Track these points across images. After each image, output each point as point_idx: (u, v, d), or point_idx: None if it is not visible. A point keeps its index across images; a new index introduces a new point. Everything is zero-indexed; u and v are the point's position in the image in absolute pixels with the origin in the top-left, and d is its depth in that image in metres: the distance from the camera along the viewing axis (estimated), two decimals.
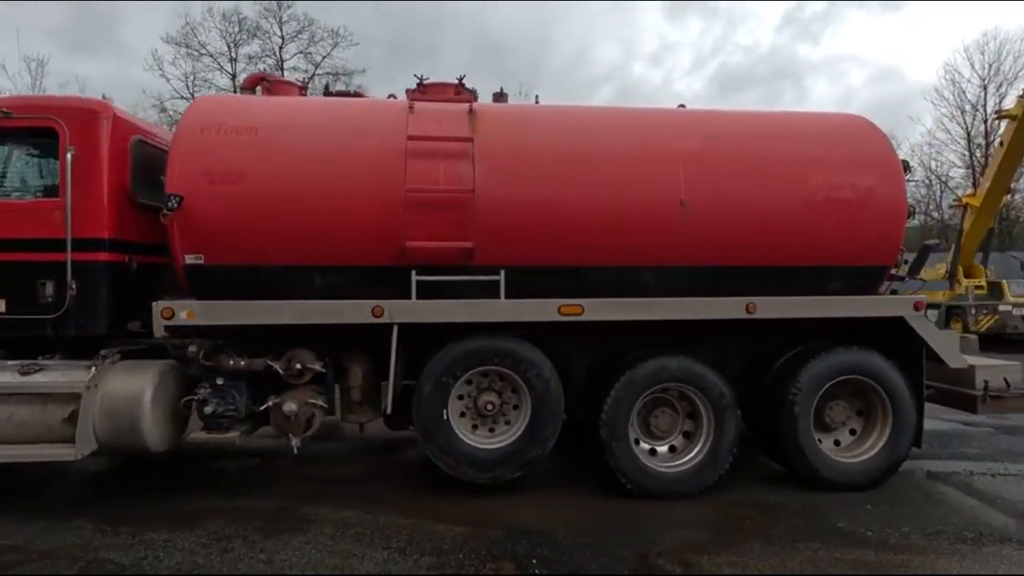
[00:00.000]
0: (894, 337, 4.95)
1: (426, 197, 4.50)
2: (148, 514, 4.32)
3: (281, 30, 34.56)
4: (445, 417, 4.56)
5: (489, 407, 4.64)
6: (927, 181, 35.41)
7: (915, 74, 58.67)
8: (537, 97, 5.75)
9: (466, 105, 4.84)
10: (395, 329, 4.43)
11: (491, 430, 4.77)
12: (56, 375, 4.34)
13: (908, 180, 5.27)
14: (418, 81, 5.38)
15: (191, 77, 33.62)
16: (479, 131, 4.74)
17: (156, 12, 50.50)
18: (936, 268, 16.99)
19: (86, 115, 4.49)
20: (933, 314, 15.99)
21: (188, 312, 4.30)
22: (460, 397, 4.74)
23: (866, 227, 5.01)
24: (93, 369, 4.34)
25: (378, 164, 4.53)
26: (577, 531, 4.10)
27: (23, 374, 4.29)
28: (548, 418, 4.63)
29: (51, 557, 3.72)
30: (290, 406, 4.39)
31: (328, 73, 34.89)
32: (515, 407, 4.76)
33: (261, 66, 34.10)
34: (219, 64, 34.22)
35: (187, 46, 33.38)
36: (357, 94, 5.95)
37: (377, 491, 4.69)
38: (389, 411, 4.49)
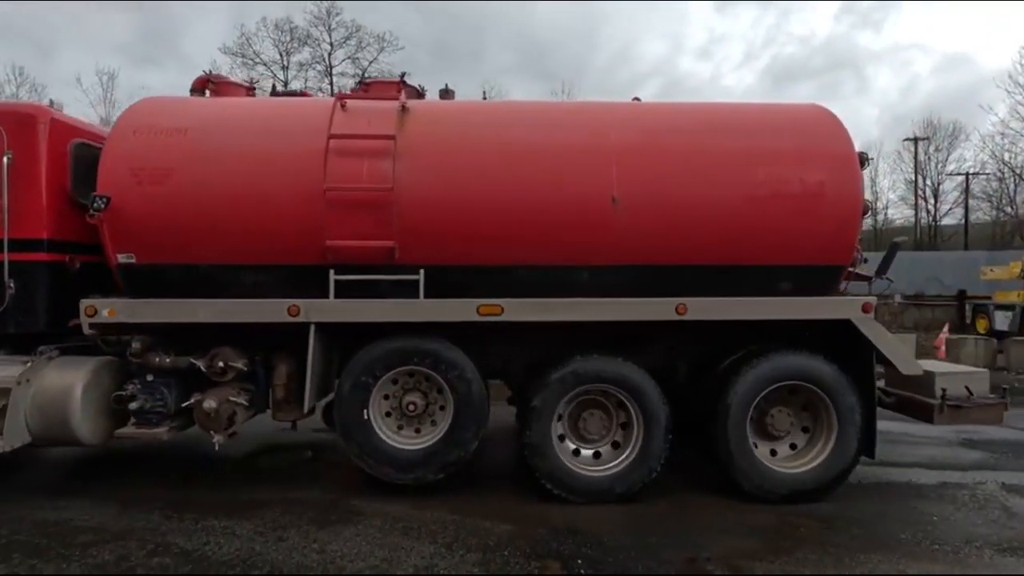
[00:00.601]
0: (849, 341, 4.68)
1: (346, 196, 4.48)
2: (209, 503, 4.52)
3: (330, 37, 35.89)
4: (366, 417, 4.54)
5: (411, 407, 4.60)
6: (999, 174, 33.47)
7: (987, 60, 55.59)
8: (484, 93, 5.66)
9: (396, 103, 4.79)
10: (312, 328, 4.44)
11: (417, 430, 4.73)
12: None
13: (977, 173, 4.94)
14: (361, 80, 5.39)
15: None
16: (406, 129, 4.69)
17: (215, 24, 52.60)
18: (1010, 266, 16.00)
19: (23, 120, 4.64)
20: (1006, 315, 15.09)
21: (109, 310, 4.40)
22: (386, 397, 4.72)
23: (817, 224, 4.74)
24: (28, 364, 4.51)
25: (300, 164, 4.53)
26: (623, 533, 4.07)
27: None
28: (470, 420, 4.56)
29: (123, 539, 3.96)
30: (210, 403, 4.45)
31: (375, 77, 35.65)
32: (442, 408, 4.71)
33: (311, 72, 35.78)
34: (272, 72, 35.65)
35: (243, 55, 35.10)
36: (304, 94, 5.97)
37: (424, 486, 4.70)
38: (306, 410, 4.50)
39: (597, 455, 4.68)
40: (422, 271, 4.50)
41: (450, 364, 4.55)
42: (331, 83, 35.97)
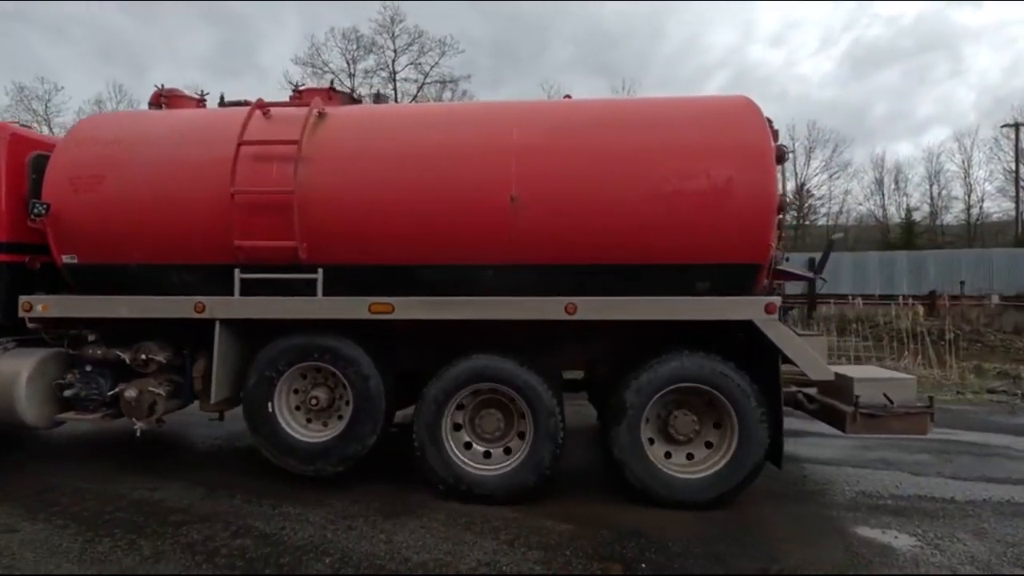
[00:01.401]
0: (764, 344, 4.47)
1: (252, 198, 4.72)
2: (285, 491, 4.74)
3: (394, 44, 37.15)
4: (270, 409, 4.76)
5: (314, 402, 4.79)
6: None
7: None
8: (415, 97, 5.78)
9: (306, 109, 4.99)
10: (217, 324, 4.71)
11: (324, 424, 4.91)
12: None
13: None
14: (294, 87, 5.66)
15: None
16: (316, 134, 4.88)
17: (288, 36, 55.73)
18: None
19: None
20: None
21: (43, 305, 4.86)
22: (296, 391, 4.93)
23: (727, 221, 4.54)
24: None
25: (215, 169, 4.78)
26: (690, 538, 3.99)
27: None
28: (367, 415, 4.69)
29: (209, 520, 4.26)
30: (131, 392, 4.81)
31: (436, 81, 36.83)
32: (348, 403, 4.87)
33: (376, 79, 37.04)
34: (340, 80, 37.28)
35: (313, 65, 37.12)
36: (246, 103, 6.26)
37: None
38: (212, 401, 4.77)
39: (487, 455, 4.69)
40: (320, 270, 4.67)
41: (348, 360, 4.70)
42: (395, 88, 37.35)
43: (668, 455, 4.56)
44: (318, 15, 52.96)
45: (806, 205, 44.08)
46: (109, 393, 4.93)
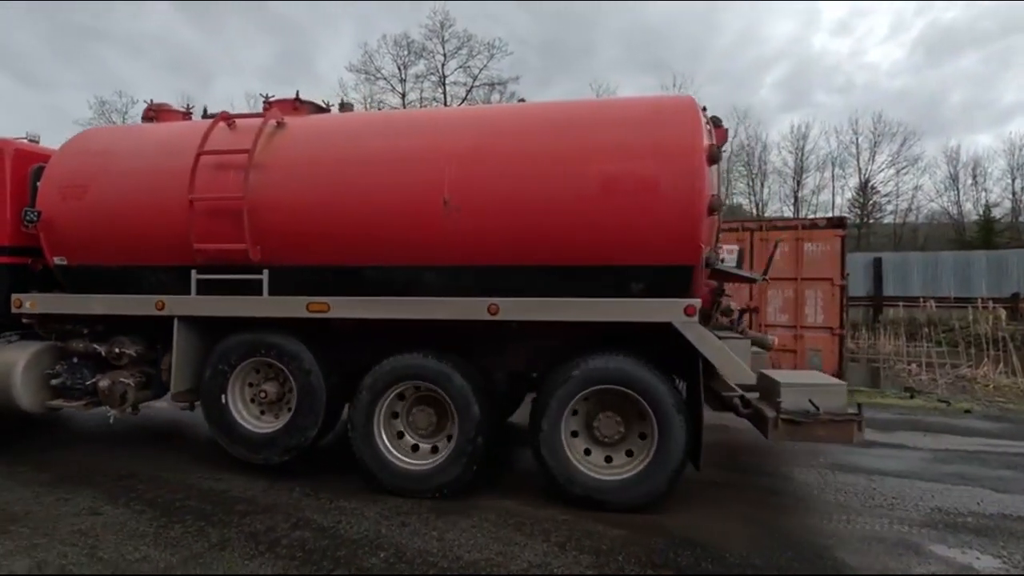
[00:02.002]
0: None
1: (208, 205, 5.09)
2: (341, 486, 4.93)
3: (443, 48, 38.07)
4: (223, 401, 5.12)
5: (263, 395, 5.11)
6: None
7: None
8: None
9: (260, 121, 5.32)
10: (176, 321, 5.12)
11: (276, 416, 5.23)
12: None
13: None
14: (264, 99, 6.02)
15: (368, 99, 38.54)
16: (270, 143, 5.20)
17: (342, 44, 58.02)
18: None
19: None
20: None
21: (31, 303, 5.41)
22: (250, 384, 5.28)
23: (656, 222, 4.53)
24: None
25: (179, 178, 5.19)
26: (747, 548, 3.89)
27: None
28: (309, 409, 4.96)
29: (271, 511, 4.48)
30: (104, 383, 5.29)
31: (485, 84, 37.77)
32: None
33: (426, 84, 38.33)
34: (391, 85, 38.84)
35: (366, 72, 38.43)
36: (224, 115, 6.61)
37: (538, 483, 4.81)
38: (171, 392, 5.19)
39: (415, 448, 4.86)
40: (266, 271, 5.00)
41: (291, 356, 4.99)
42: (444, 92, 38.33)
43: (588, 452, 4.59)
44: (372, 23, 54.70)
45: (871, 203, 41.79)
46: (89, 383, 5.44)
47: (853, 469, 5.35)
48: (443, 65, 38.00)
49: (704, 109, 5.02)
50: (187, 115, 6.51)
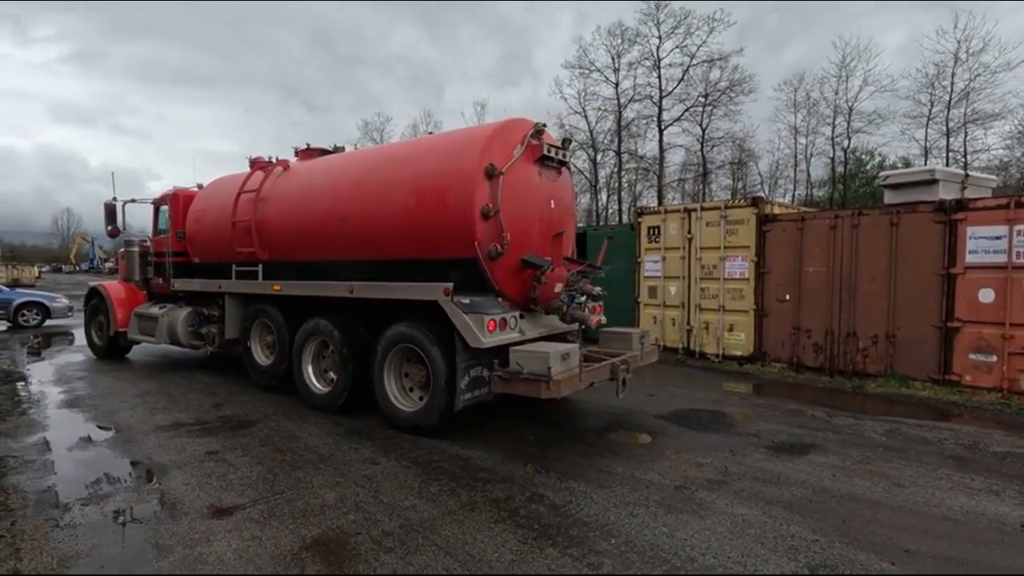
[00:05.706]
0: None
1: (238, 224, 8.32)
2: (570, 468, 5.21)
3: (659, 30, 36.81)
4: (248, 345, 8.41)
5: (265, 342, 8.21)
6: None
7: None
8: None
9: (263, 170, 8.33)
10: (225, 296, 8.53)
11: (269, 355, 8.26)
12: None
13: None
14: (307, 146, 9.05)
15: (582, 94, 39.86)
16: (276, 182, 8.18)
17: (560, 40, 61.20)
18: None
19: (171, 196, 10.02)
20: None
21: (180, 283, 9.40)
22: (260, 336, 8.43)
23: (449, 225, 6.18)
24: (165, 308, 9.94)
25: (229, 209, 8.54)
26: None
27: None
28: (281, 351, 7.87)
29: (508, 482, 4.80)
30: (205, 329, 9.06)
31: (704, 61, 36.52)
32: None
33: (640, 70, 37.95)
34: (604, 76, 39.00)
35: (580, 67, 39.15)
36: (269, 161, 9.67)
37: (775, 494, 4.63)
38: (225, 338, 8.60)
39: (329, 380, 7.37)
40: (260, 265, 8.02)
41: (271, 317, 7.99)
42: (659, 76, 37.44)
43: (411, 390, 6.49)
44: (588, 15, 55.70)
45: None
46: (203, 330, 9.26)
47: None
48: (658, 48, 36.99)
49: (544, 126, 6.53)
50: (269, 162, 9.95)
